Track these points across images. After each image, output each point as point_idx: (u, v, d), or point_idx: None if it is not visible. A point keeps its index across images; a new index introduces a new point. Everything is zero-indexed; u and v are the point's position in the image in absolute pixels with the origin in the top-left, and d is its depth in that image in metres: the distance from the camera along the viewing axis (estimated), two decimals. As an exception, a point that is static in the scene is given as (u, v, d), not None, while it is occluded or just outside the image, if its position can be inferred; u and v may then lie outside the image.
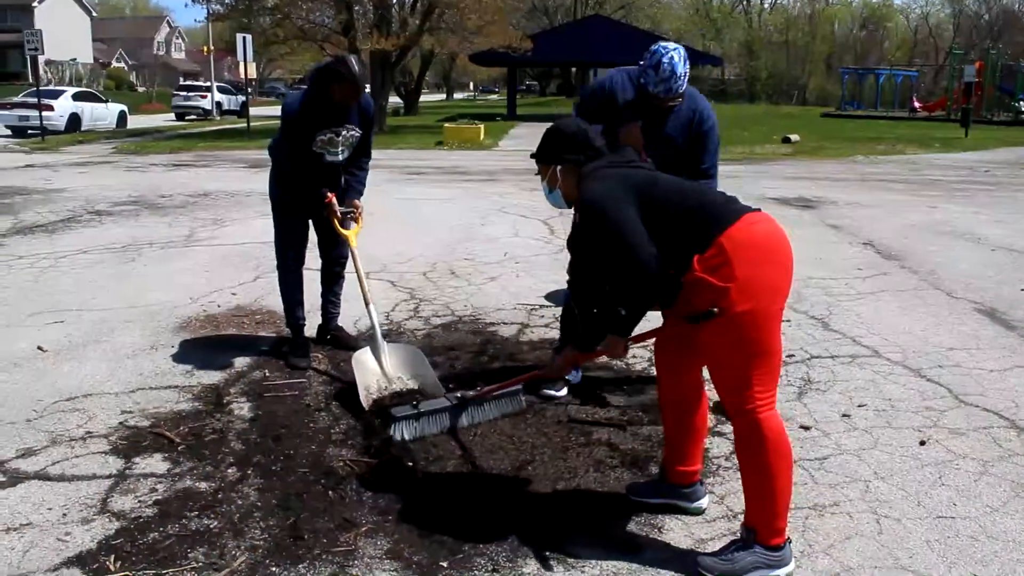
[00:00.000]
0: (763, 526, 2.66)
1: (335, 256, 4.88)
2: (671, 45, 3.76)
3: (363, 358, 4.21)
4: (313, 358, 4.71)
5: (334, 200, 4.51)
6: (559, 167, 2.90)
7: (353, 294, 5.86)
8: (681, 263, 2.60)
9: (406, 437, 3.55)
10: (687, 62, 3.72)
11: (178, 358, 4.77)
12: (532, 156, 3.00)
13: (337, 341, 4.95)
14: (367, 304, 4.45)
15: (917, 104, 42.65)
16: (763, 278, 2.56)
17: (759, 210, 2.70)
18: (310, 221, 4.73)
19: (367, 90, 4.48)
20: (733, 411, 2.67)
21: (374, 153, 4.89)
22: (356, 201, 4.65)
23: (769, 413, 2.62)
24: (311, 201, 4.55)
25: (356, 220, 4.65)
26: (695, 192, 2.76)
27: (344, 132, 4.45)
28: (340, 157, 4.53)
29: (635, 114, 3.86)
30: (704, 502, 3.09)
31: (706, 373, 2.82)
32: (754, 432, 2.62)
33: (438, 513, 3.06)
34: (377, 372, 4.16)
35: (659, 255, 2.60)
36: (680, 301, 2.68)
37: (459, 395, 3.71)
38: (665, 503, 3.08)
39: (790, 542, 2.71)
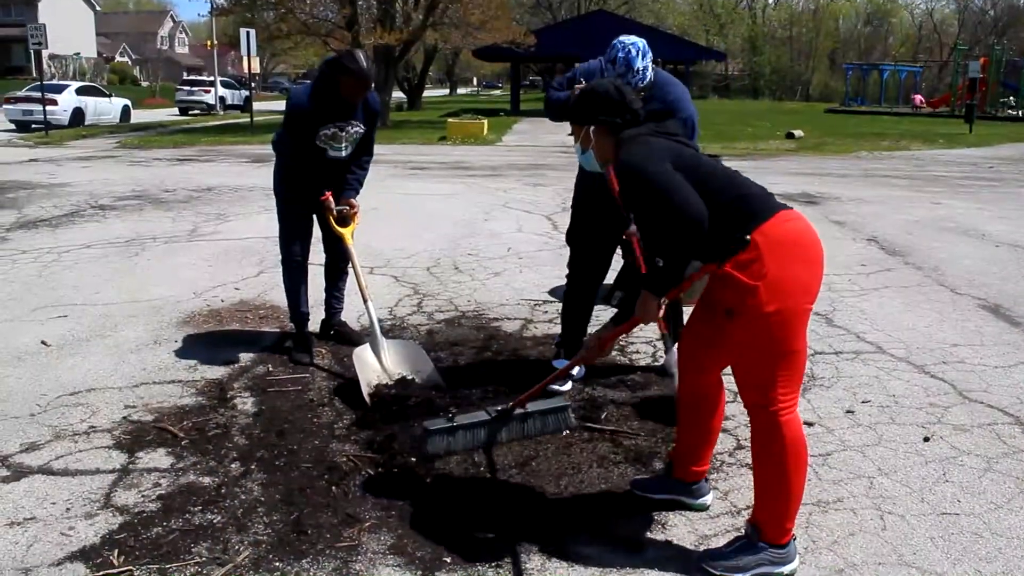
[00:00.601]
0: (771, 525, 2.65)
1: (339, 251, 4.87)
2: (630, 39, 3.73)
3: (363, 354, 4.22)
4: (316, 353, 4.71)
5: (330, 198, 4.52)
6: (592, 128, 2.84)
7: (355, 288, 5.86)
8: (712, 250, 2.54)
9: (439, 452, 3.39)
10: (646, 56, 3.69)
11: (181, 353, 4.77)
12: (563, 115, 2.97)
13: (340, 336, 4.95)
14: (365, 301, 4.45)
15: (918, 99, 42.56)
16: (793, 278, 2.51)
17: (792, 208, 2.63)
18: (314, 216, 4.72)
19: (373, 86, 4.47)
20: (754, 410, 2.64)
21: (378, 148, 4.89)
22: (352, 200, 4.65)
23: (790, 416, 2.59)
24: (314, 196, 4.55)
25: (352, 218, 4.65)
26: (736, 182, 2.67)
27: (349, 128, 4.44)
28: (343, 153, 4.52)
29: None
30: (708, 499, 3.08)
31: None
32: (774, 433, 2.59)
33: (441, 509, 3.06)
34: (377, 368, 4.17)
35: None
36: (707, 296, 2.66)
37: (499, 408, 3.52)
38: (669, 499, 3.08)
39: (795, 539, 2.70)
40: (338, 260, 4.91)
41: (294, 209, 4.67)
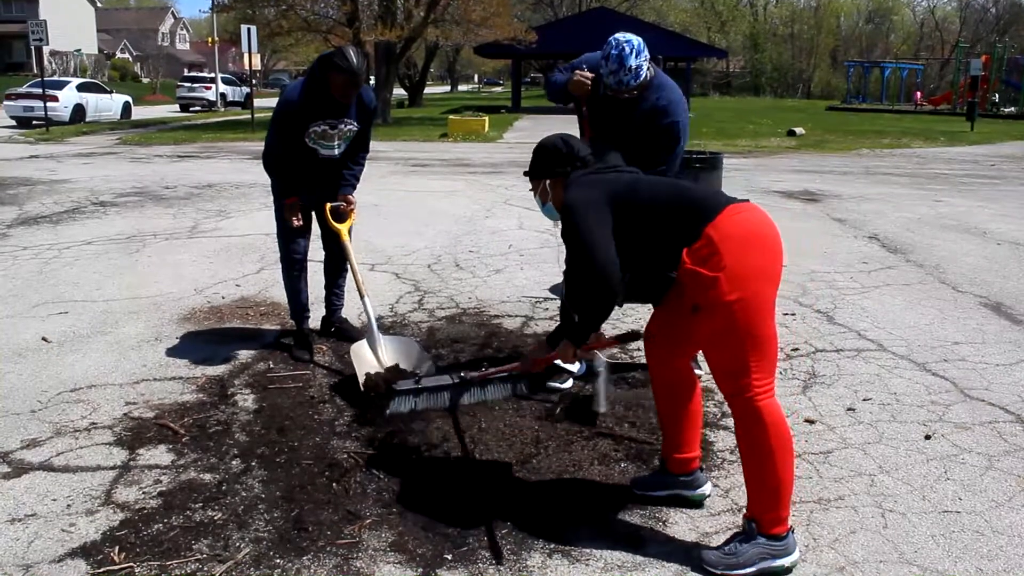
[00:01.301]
0: (765, 516, 2.67)
1: (337, 248, 4.84)
2: (625, 37, 3.69)
3: (360, 350, 4.22)
4: (317, 350, 4.71)
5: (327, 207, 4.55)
6: (548, 181, 3.00)
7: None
8: (673, 258, 2.64)
9: (403, 410, 3.56)
10: (640, 55, 3.64)
11: (182, 349, 4.77)
12: (524, 174, 3.12)
13: (341, 333, 4.94)
14: (362, 297, 4.45)
15: (919, 95, 42.56)
16: (752, 265, 2.59)
17: (746, 200, 2.74)
18: (313, 213, 4.71)
19: (371, 83, 4.45)
20: (732, 399, 2.69)
21: (379, 145, 4.90)
22: (349, 196, 4.63)
23: (768, 400, 2.64)
24: (311, 196, 4.54)
25: (349, 215, 4.64)
26: (679, 188, 2.81)
27: (341, 126, 4.41)
28: (336, 152, 4.49)
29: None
30: (707, 488, 3.09)
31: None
32: (754, 419, 2.63)
33: (442, 505, 3.06)
34: (374, 364, 4.16)
35: (645, 257, 2.72)
36: (674, 295, 2.72)
37: (462, 374, 3.68)
38: (669, 495, 3.09)
39: (793, 531, 2.71)
40: (337, 257, 4.89)
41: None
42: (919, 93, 43.08)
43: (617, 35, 3.73)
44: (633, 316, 5.22)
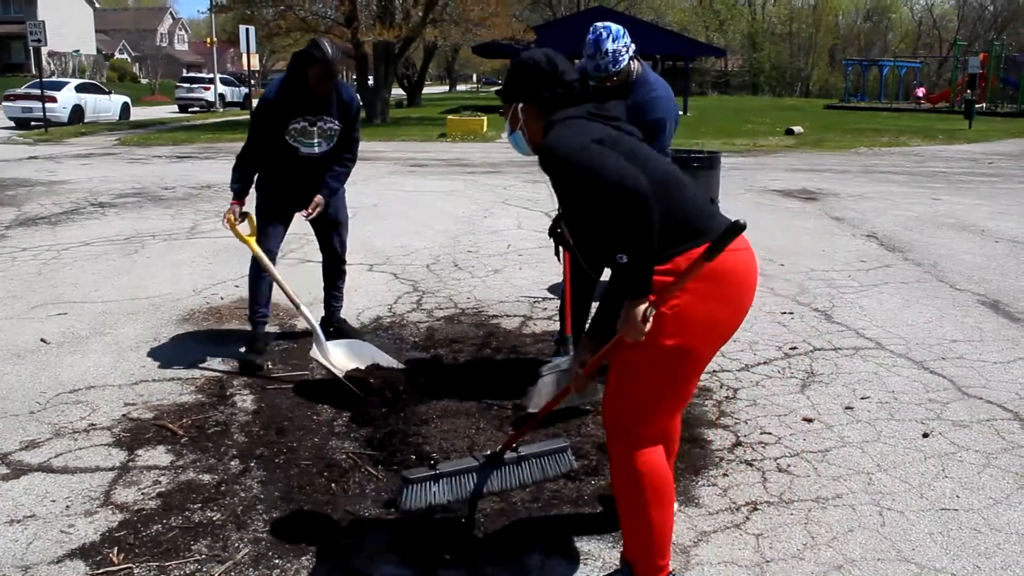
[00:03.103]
0: (640, 561, 2.44)
1: (335, 251, 4.84)
2: (605, 24, 3.67)
3: (317, 355, 4.17)
4: (269, 358, 4.59)
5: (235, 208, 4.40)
6: (520, 105, 2.46)
7: (354, 286, 5.87)
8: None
9: (419, 507, 2.88)
10: (618, 39, 3.63)
11: (181, 350, 4.77)
12: (496, 92, 2.60)
13: (340, 333, 4.92)
14: (298, 308, 4.29)
15: (921, 92, 42.53)
16: (709, 316, 2.23)
17: (742, 230, 2.16)
18: (295, 217, 4.64)
19: (353, 85, 4.43)
20: (614, 442, 2.41)
21: (378, 145, 4.93)
22: (317, 196, 4.52)
23: (652, 454, 2.36)
24: (293, 196, 4.51)
25: (312, 211, 4.53)
26: (674, 188, 2.28)
27: (320, 123, 4.39)
28: (316, 150, 4.45)
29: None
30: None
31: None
32: (632, 470, 2.36)
33: (440, 506, 3.06)
34: (342, 364, 4.19)
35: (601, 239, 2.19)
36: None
37: (487, 453, 3.00)
38: None
39: (673, 574, 2.50)
40: (334, 260, 4.87)
41: (274, 206, 4.58)
42: (922, 90, 43.01)
43: (598, 23, 3.73)
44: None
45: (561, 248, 3.19)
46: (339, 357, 4.23)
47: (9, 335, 5.00)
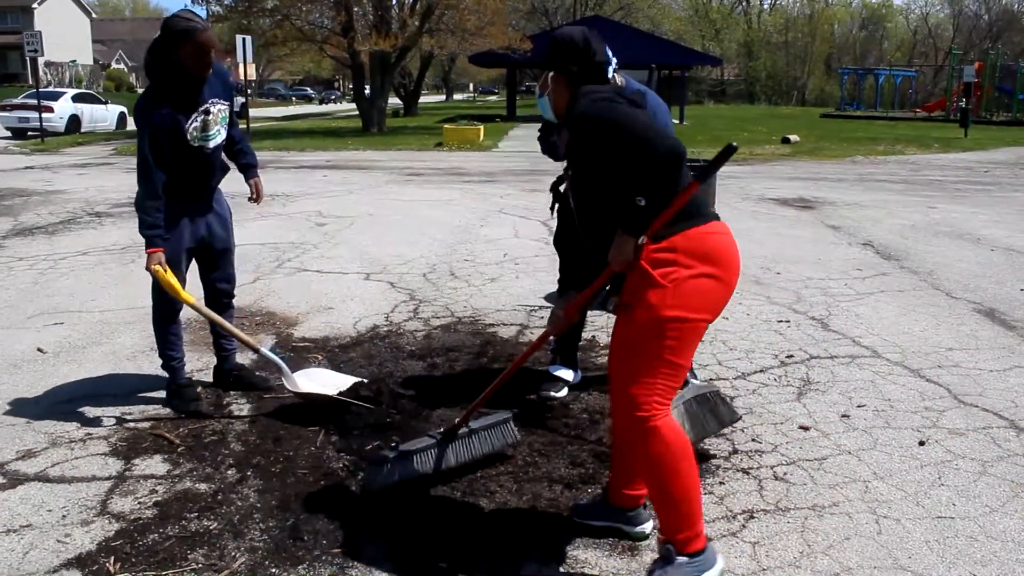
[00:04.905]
0: (679, 536, 2.53)
1: (218, 280, 4.18)
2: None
3: (292, 383, 4.02)
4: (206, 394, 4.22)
5: (162, 255, 3.70)
6: (551, 73, 2.76)
7: (351, 295, 5.87)
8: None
9: (384, 484, 3.07)
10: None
11: (178, 359, 4.76)
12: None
13: (241, 382, 4.30)
14: (256, 350, 4.06)
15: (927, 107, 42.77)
16: (703, 292, 2.47)
17: (721, 220, 2.60)
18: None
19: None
20: (627, 416, 2.53)
21: (374, 154, 4.94)
22: (256, 180, 4.24)
23: (665, 419, 2.51)
24: (197, 207, 3.98)
25: (258, 200, 4.30)
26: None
27: (213, 109, 3.81)
28: (220, 139, 3.92)
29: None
30: (647, 527, 2.90)
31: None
32: (654, 438, 2.48)
33: (437, 514, 3.06)
34: (326, 383, 4.08)
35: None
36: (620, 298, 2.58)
37: (441, 430, 3.25)
38: (607, 526, 2.93)
39: (711, 542, 2.62)
40: (220, 294, 4.20)
41: (179, 229, 3.90)
42: (927, 107, 43.12)
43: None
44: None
45: (557, 205, 3.66)
46: (314, 383, 4.06)
47: (5, 345, 4.99)
